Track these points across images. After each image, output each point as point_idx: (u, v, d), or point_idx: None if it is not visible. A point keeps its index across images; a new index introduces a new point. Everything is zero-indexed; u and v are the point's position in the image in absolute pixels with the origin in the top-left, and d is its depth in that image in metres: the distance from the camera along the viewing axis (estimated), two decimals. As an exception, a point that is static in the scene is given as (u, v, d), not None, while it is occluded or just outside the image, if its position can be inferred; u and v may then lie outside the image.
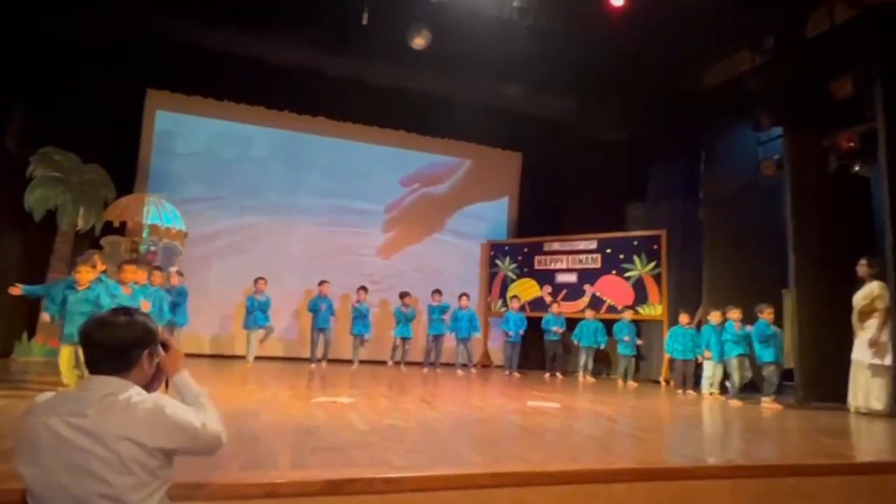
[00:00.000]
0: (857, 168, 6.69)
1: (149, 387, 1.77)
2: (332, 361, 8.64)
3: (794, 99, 7.08)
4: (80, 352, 4.41)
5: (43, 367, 6.22)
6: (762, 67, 7.58)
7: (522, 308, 9.91)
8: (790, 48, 7.20)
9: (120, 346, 1.66)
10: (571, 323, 9.40)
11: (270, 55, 8.60)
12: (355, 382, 6.67)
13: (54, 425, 1.53)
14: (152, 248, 7.95)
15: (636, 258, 9.49)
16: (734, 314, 6.91)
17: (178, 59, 8.46)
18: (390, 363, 9.02)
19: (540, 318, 9.45)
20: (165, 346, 1.83)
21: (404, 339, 8.97)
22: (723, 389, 7.26)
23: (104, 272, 4.92)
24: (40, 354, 7.06)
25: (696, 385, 7.67)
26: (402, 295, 9.06)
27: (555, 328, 9.14)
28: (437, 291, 9.25)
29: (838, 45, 6.73)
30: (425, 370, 8.80)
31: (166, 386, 1.83)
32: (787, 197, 7.05)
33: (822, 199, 6.93)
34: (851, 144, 6.53)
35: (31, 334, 7.36)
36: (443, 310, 9.15)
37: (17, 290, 4.85)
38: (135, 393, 1.64)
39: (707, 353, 7.35)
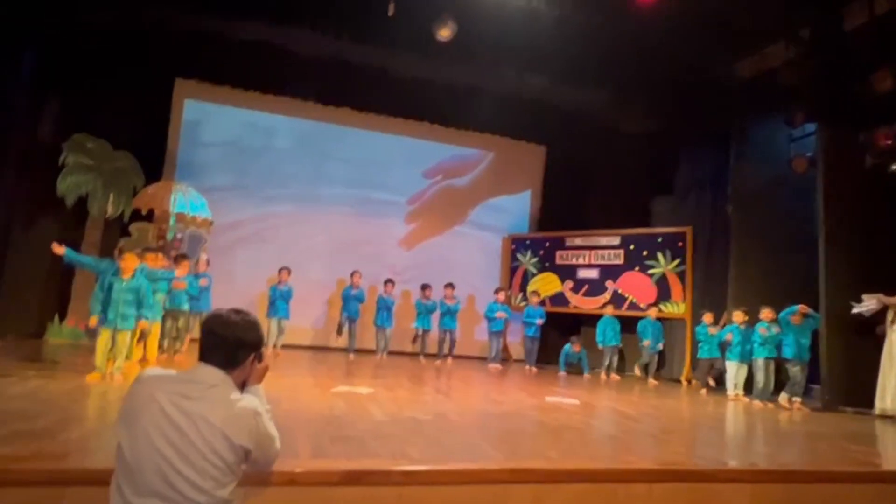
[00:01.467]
0: (894, 167, 6.47)
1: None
2: (358, 351, 8.73)
3: (830, 94, 6.85)
4: (118, 337, 4.59)
5: (74, 349, 6.41)
6: (797, 60, 7.34)
7: (542, 303, 9.86)
8: (827, 41, 6.96)
9: (235, 345, 1.80)
10: (592, 320, 9.32)
11: (296, 46, 8.64)
12: (375, 373, 6.73)
13: (160, 399, 1.64)
14: (179, 236, 8.09)
15: (660, 255, 9.34)
16: (766, 314, 6.76)
17: (207, 49, 8.56)
18: (421, 357, 8.99)
19: (560, 314, 9.39)
20: (260, 357, 1.95)
21: (424, 331, 9.00)
22: (748, 391, 7.12)
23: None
24: (71, 336, 7.27)
25: (720, 385, 7.55)
26: (423, 287, 9.09)
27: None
28: (450, 285, 9.24)
29: (878, 37, 6.49)
30: (438, 362, 8.83)
31: (241, 391, 1.90)
32: (820, 195, 6.86)
33: (856, 198, 6.73)
34: (889, 142, 6.32)
35: (63, 316, 7.58)
36: (452, 311, 9.15)
37: (60, 249, 4.95)
38: (234, 390, 1.78)
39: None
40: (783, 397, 6.38)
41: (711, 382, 7.57)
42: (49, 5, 7.05)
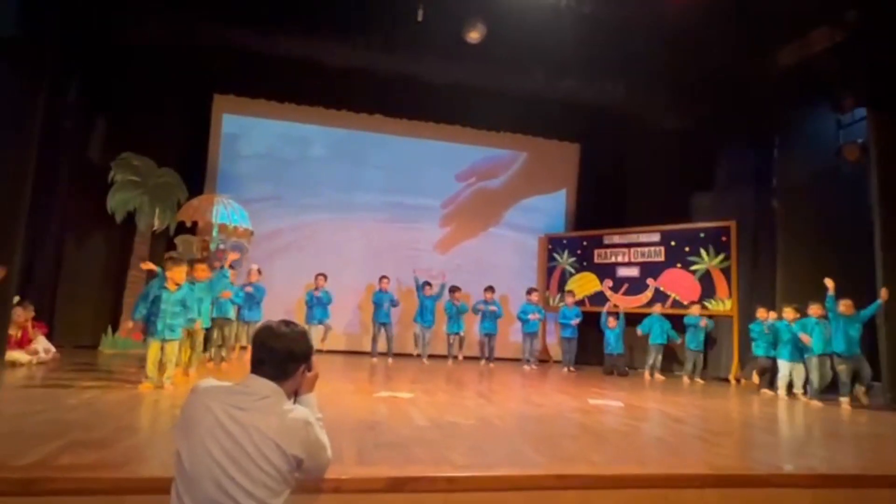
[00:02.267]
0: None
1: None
2: (395, 356, 8.78)
3: (881, 77, 6.53)
4: (167, 347, 4.73)
5: (126, 359, 6.65)
6: (843, 44, 7.03)
7: (580, 303, 9.72)
8: (876, 21, 6.64)
9: (286, 357, 1.84)
10: (633, 319, 9.14)
11: (327, 57, 8.78)
12: (414, 377, 6.75)
13: (216, 410, 1.69)
14: (222, 247, 8.32)
15: (703, 251, 9.08)
16: (815, 310, 6.49)
17: (242, 64, 8.81)
18: (450, 361, 9.00)
19: (600, 313, 9.22)
20: (310, 367, 1.98)
21: (457, 334, 9.00)
22: (805, 389, 6.83)
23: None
24: (124, 347, 7.55)
25: (772, 384, 7.28)
26: (452, 289, 9.09)
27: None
28: (490, 289, 9.21)
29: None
30: (481, 364, 8.80)
31: (294, 401, 1.95)
32: (873, 184, 6.55)
33: (912, 184, 6.39)
34: (947, 124, 5.98)
35: (115, 328, 7.90)
36: (495, 314, 9.11)
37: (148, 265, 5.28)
38: (286, 400, 1.82)
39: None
40: (844, 400, 6.09)
41: (763, 384, 7.28)
42: (91, 28, 7.36)
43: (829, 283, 6.31)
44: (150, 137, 8.31)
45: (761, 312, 7.48)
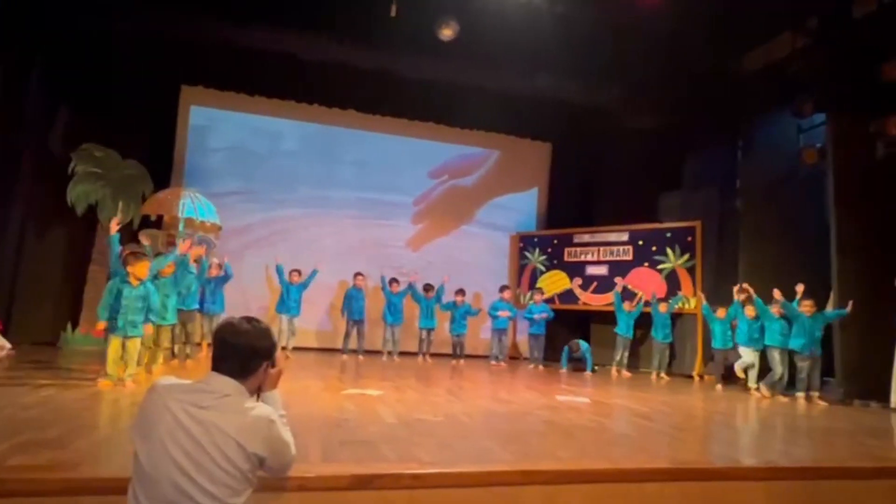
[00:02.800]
0: (906, 156, 6.38)
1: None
2: (366, 353, 8.73)
3: (839, 83, 6.77)
4: (129, 344, 4.60)
5: (86, 356, 6.46)
6: (805, 50, 7.27)
7: (550, 300, 9.82)
8: (835, 29, 6.88)
9: (248, 354, 1.80)
10: (605, 316, 9.28)
11: (300, 50, 8.66)
12: (384, 374, 6.73)
13: (174, 409, 1.65)
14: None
15: (669, 250, 9.28)
16: (774, 310, 6.70)
17: (211, 55, 8.61)
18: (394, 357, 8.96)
19: (570, 311, 9.35)
20: (273, 363, 1.94)
21: (429, 330, 8.99)
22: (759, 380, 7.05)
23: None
24: (84, 344, 7.33)
25: (733, 380, 7.48)
26: (427, 288, 9.07)
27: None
28: (461, 292, 9.22)
29: (887, 25, 6.40)
30: (453, 363, 8.82)
31: (257, 398, 1.91)
32: (830, 186, 6.79)
33: (867, 188, 6.64)
34: (901, 131, 6.23)
35: (76, 324, 7.66)
36: (465, 313, 9.14)
37: (115, 228, 5.09)
38: (248, 398, 1.78)
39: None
40: (799, 395, 6.31)
41: (720, 385, 7.48)
42: (53, 16, 7.11)
43: (799, 288, 6.55)
44: (114, 128, 8.07)
45: (720, 312, 7.70)
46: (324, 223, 9.83)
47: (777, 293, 6.65)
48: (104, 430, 3.24)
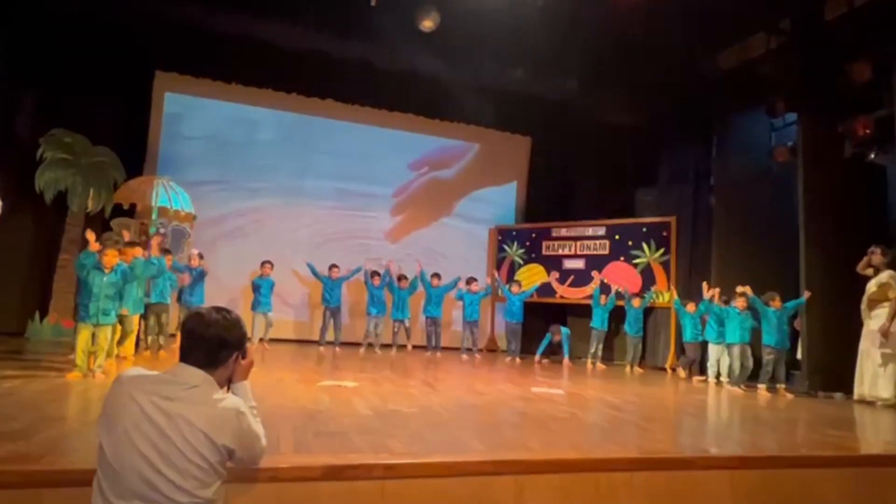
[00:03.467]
0: (872, 156, 6.56)
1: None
2: (343, 344, 8.70)
3: (810, 84, 6.94)
4: (99, 333, 4.51)
5: (55, 346, 6.33)
6: (777, 51, 7.42)
7: (529, 294, 9.89)
8: (807, 31, 7.03)
9: (218, 345, 1.77)
10: (582, 309, 9.39)
11: (278, 38, 8.55)
12: (361, 366, 6.73)
13: (141, 401, 1.62)
14: (161, 231, 7.99)
15: (645, 245, 9.42)
16: (740, 303, 6.85)
17: (186, 41, 8.44)
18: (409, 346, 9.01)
19: (548, 304, 9.41)
20: (244, 354, 1.92)
21: (402, 321, 8.98)
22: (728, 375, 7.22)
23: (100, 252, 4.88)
24: (52, 334, 7.17)
25: (703, 371, 7.66)
26: (400, 278, 9.07)
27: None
28: (436, 275, 9.25)
29: (858, 27, 6.56)
30: (428, 354, 8.85)
31: (227, 389, 1.89)
32: (800, 184, 6.95)
33: (835, 187, 6.83)
34: (868, 131, 6.40)
35: (44, 314, 7.48)
36: (440, 294, 9.17)
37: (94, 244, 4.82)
38: (217, 389, 1.75)
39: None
40: (762, 387, 6.48)
41: (684, 373, 7.65)
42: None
43: (745, 288, 6.72)
44: (83, 114, 7.88)
45: (690, 307, 7.85)
46: (301, 214, 9.74)
47: (741, 288, 6.79)
48: (71, 422, 3.18)
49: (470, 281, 9.41)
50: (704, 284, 7.49)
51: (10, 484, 1.99)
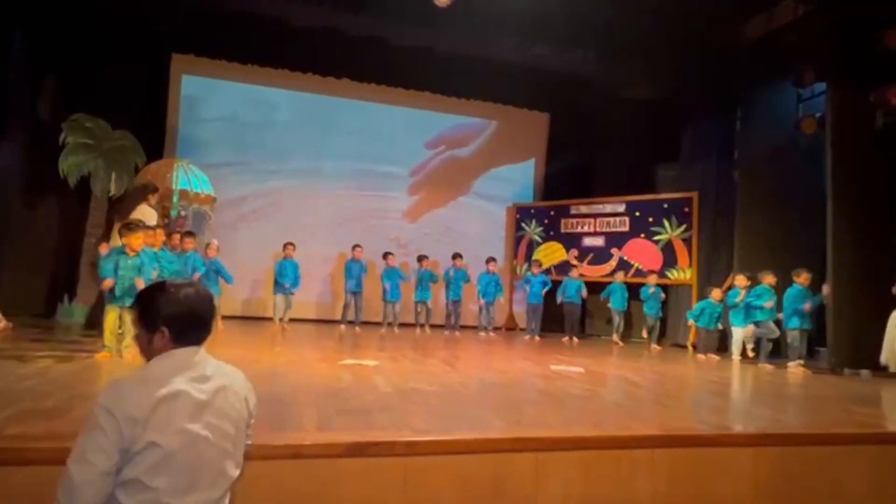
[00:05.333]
0: (905, 125, 6.33)
1: None
2: (364, 323, 8.79)
3: (840, 52, 6.67)
4: (126, 314, 4.59)
5: (83, 328, 6.49)
6: (806, 18, 7.13)
7: (547, 272, 9.86)
8: (837, -3, 6.74)
9: (210, 319, 1.69)
10: (596, 287, 9.33)
11: (292, 16, 8.48)
12: (382, 345, 6.80)
13: (189, 390, 1.51)
14: (183, 213, 8.09)
15: (666, 221, 9.27)
16: (769, 279, 6.74)
17: (202, 22, 8.43)
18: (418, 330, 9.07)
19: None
20: None
21: (424, 303, 9.04)
22: (757, 353, 7.11)
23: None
24: (81, 316, 7.35)
25: (724, 350, 7.58)
26: (420, 258, 9.10)
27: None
28: (458, 255, 9.26)
29: (891, -8, 6.27)
30: (446, 332, 8.91)
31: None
32: (828, 156, 6.74)
33: (865, 157, 6.61)
34: (901, 100, 6.16)
35: (72, 297, 7.67)
36: (463, 277, 9.19)
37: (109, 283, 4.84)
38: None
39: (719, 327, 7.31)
40: (790, 365, 6.39)
41: (710, 355, 7.54)
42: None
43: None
44: (103, 98, 7.93)
45: (715, 293, 7.69)
46: (319, 194, 9.77)
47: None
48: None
49: (488, 260, 9.41)
50: (738, 277, 7.30)
51: (46, 460, 2.05)
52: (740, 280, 7.18)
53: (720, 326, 7.67)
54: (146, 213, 6.26)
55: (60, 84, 7.94)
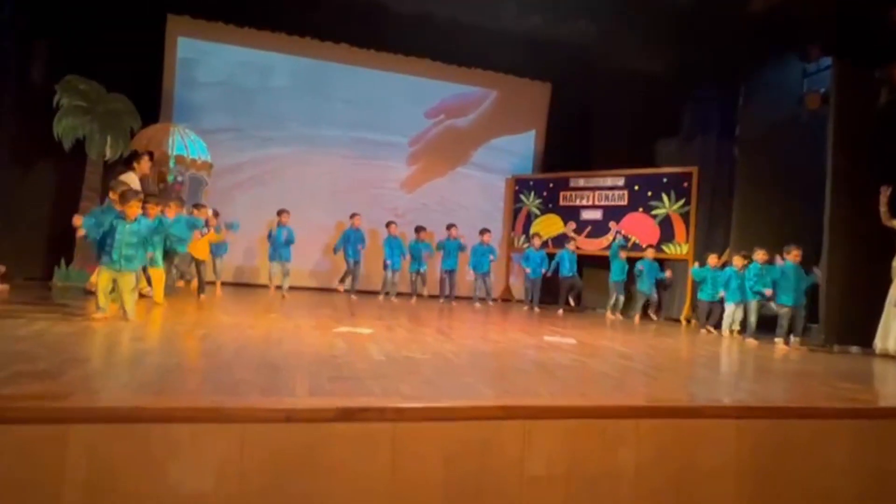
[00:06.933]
0: (908, 103, 6.26)
1: None
2: (361, 292, 8.85)
3: (847, 27, 6.54)
4: (120, 279, 4.61)
5: (80, 292, 6.52)
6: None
7: (544, 244, 9.87)
8: (848, -32, 6.58)
9: None
10: (598, 260, 9.36)
11: (290, -22, 8.28)
12: (378, 314, 6.85)
13: None
14: (179, 179, 8.05)
15: (664, 196, 9.25)
16: (760, 256, 6.76)
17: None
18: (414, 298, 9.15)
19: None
20: None
21: (419, 273, 9.09)
22: (743, 329, 7.20)
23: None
24: (78, 280, 7.37)
25: (718, 325, 7.64)
26: (418, 229, 9.11)
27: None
28: (452, 225, 9.26)
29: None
30: (441, 301, 8.97)
31: None
32: (830, 132, 6.68)
33: (868, 134, 6.55)
34: (906, 77, 6.08)
35: (69, 261, 7.68)
36: (458, 246, 9.19)
37: (78, 221, 4.85)
38: None
39: (721, 294, 7.30)
40: (777, 341, 6.46)
41: (710, 328, 7.59)
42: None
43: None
44: (97, 60, 7.80)
45: (712, 259, 7.72)
46: (316, 162, 9.71)
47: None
48: (96, 362, 3.32)
49: (482, 232, 9.41)
50: (735, 258, 7.31)
51: (38, 419, 2.09)
52: (737, 261, 7.20)
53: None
54: (132, 181, 6.18)
55: (54, 46, 7.79)
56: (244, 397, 2.61)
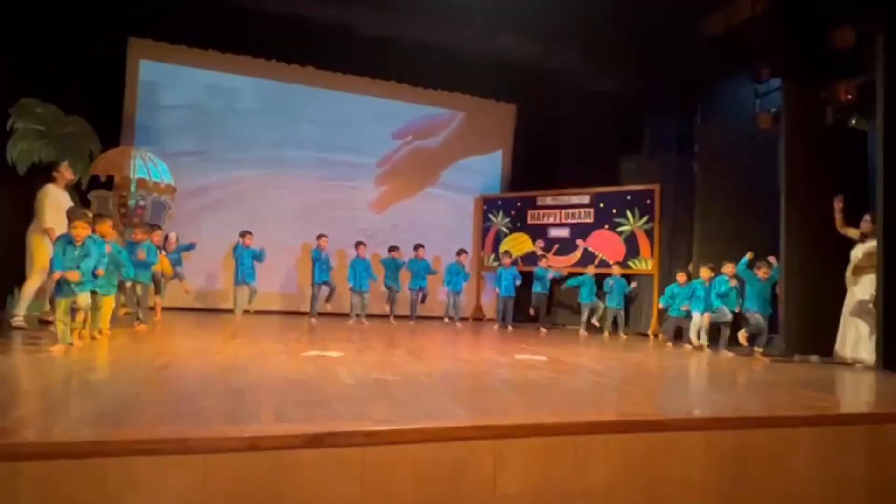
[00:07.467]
0: (853, 121, 6.58)
1: None
2: (332, 315, 8.72)
3: (794, 49, 6.89)
4: (77, 299, 4.43)
5: (35, 320, 6.26)
6: (763, 15, 7.33)
7: (515, 263, 9.95)
8: (792, -6, 6.94)
9: None
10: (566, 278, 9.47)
11: (255, 2, 8.28)
12: (347, 336, 6.76)
13: None
14: (141, 203, 7.87)
15: (629, 213, 9.46)
16: (728, 269, 6.95)
17: (161, 6, 8.15)
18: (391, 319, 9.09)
19: (532, 273, 9.48)
20: None
21: (392, 290, 9.05)
22: (714, 342, 7.34)
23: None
24: (32, 309, 7.07)
25: (686, 339, 7.79)
26: (391, 249, 9.09)
27: (550, 275, 9.26)
28: (420, 246, 9.28)
29: (842, -8, 6.49)
30: (412, 323, 8.92)
31: None
32: (782, 150, 6.97)
33: (817, 152, 6.85)
34: (849, 97, 6.39)
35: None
36: (426, 268, 9.20)
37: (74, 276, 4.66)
38: None
39: (686, 307, 7.47)
40: (758, 349, 6.61)
41: (677, 343, 7.73)
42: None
43: (749, 255, 6.79)
44: (54, 82, 7.62)
45: (681, 276, 7.90)
46: (283, 184, 9.63)
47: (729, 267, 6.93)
48: (53, 395, 3.17)
49: (459, 252, 9.47)
50: (702, 269, 7.50)
51: (-15, 458, 1.98)
52: (704, 272, 7.39)
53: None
54: (55, 193, 5.95)
55: (8, 69, 7.57)
56: (207, 426, 2.53)
